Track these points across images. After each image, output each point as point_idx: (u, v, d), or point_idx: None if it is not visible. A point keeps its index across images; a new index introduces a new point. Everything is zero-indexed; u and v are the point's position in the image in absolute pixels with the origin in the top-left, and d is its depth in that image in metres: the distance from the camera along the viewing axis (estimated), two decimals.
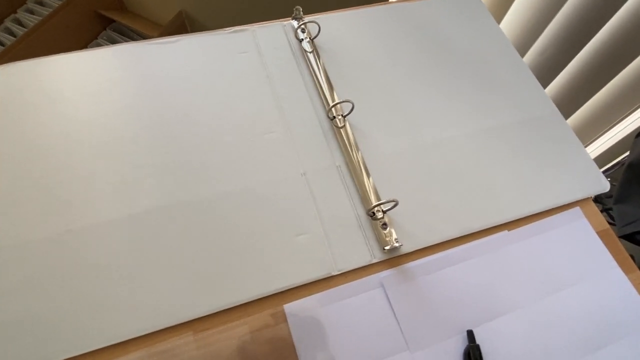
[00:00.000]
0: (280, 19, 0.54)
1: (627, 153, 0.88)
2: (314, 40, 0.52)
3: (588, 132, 0.90)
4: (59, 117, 0.43)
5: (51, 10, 1.39)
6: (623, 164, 0.82)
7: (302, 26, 0.51)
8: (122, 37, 1.51)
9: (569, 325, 0.39)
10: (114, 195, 0.40)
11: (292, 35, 0.52)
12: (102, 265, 0.37)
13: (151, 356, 0.34)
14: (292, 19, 0.53)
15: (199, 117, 0.45)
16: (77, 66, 0.46)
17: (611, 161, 0.94)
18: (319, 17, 0.54)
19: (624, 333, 0.39)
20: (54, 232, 0.37)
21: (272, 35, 0.52)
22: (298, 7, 0.52)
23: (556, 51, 0.76)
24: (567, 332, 0.39)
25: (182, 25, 1.39)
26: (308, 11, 0.54)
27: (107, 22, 1.52)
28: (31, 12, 1.49)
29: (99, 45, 1.49)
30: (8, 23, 1.45)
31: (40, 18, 1.39)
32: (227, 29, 0.51)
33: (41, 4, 1.51)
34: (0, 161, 0.40)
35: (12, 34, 1.44)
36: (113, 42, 1.50)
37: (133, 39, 1.51)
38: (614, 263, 0.43)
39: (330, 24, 0.53)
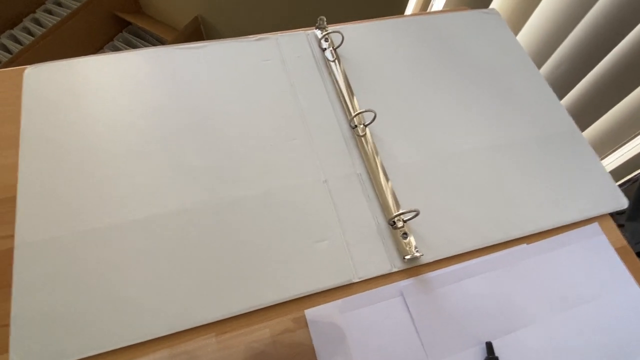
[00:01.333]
0: (303, 28, 0.55)
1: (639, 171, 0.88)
2: (337, 49, 0.52)
3: (601, 148, 0.90)
4: (88, 117, 0.44)
5: (70, 11, 1.41)
6: (635, 181, 0.82)
7: (326, 35, 0.52)
8: (137, 39, 1.53)
9: (586, 340, 0.39)
10: (139, 196, 0.41)
11: (315, 44, 0.53)
12: (128, 264, 0.37)
13: (173, 357, 0.34)
14: (316, 29, 0.54)
15: (223, 122, 0.46)
16: (107, 68, 0.47)
17: (622, 178, 0.94)
18: (342, 27, 0.55)
19: None
20: (83, 230, 0.38)
21: (295, 44, 0.53)
22: (322, 17, 0.53)
23: (571, 66, 0.76)
24: (584, 347, 0.39)
25: (198, 30, 1.41)
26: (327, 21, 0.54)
27: (124, 25, 1.54)
28: (50, 12, 1.51)
29: (115, 47, 1.51)
30: (27, 22, 1.47)
31: (59, 18, 1.41)
32: (252, 36, 0.52)
33: (60, 4, 1.53)
34: (31, 159, 0.41)
35: (30, 33, 1.46)
36: (129, 44, 1.52)
37: (149, 42, 1.53)
38: (632, 279, 0.43)
39: (353, 34, 0.54)
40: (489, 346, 0.37)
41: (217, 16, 1.35)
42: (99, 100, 0.45)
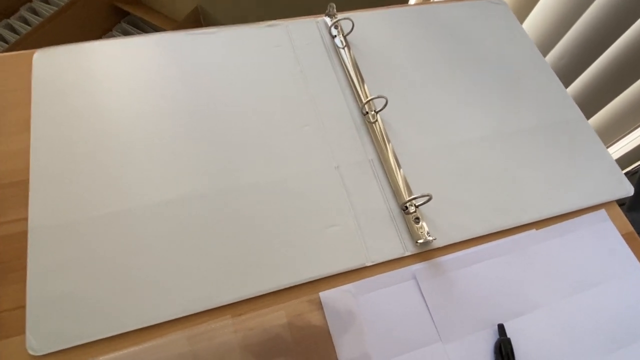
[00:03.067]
0: (313, 15, 0.54)
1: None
2: (347, 37, 0.53)
3: (603, 138, 0.91)
4: (98, 101, 0.44)
5: (67, 0, 1.39)
6: (635, 173, 0.83)
7: (336, 23, 0.52)
8: (136, 30, 1.51)
9: (594, 323, 0.40)
10: (152, 181, 0.40)
11: (325, 32, 0.53)
12: (143, 248, 0.37)
13: (190, 337, 0.35)
14: (326, 16, 0.54)
15: (235, 108, 0.46)
16: (117, 53, 0.47)
17: (624, 169, 0.95)
18: (351, 15, 0.55)
19: None
20: (97, 214, 0.38)
21: (305, 31, 0.53)
22: (332, 4, 0.53)
23: (575, 56, 0.77)
24: (592, 330, 0.40)
25: (198, 20, 1.40)
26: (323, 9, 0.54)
27: (122, 15, 1.53)
28: (47, 1, 1.49)
29: (113, 37, 1.50)
30: (23, 12, 1.45)
31: (56, 8, 1.39)
32: (262, 23, 0.52)
33: None
34: (42, 143, 0.41)
35: (27, 22, 1.44)
36: (127, 34, 1.51)
37: (147, 32, 1.52)
38: (638, 264, 0.44)
39: (362, 22, 0.54)
40: (501, 328, 0.38)
41: (217, 6, 1.34)
42: (109, 84, 0.45)
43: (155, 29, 1.51)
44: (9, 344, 0.33)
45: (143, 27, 1.54)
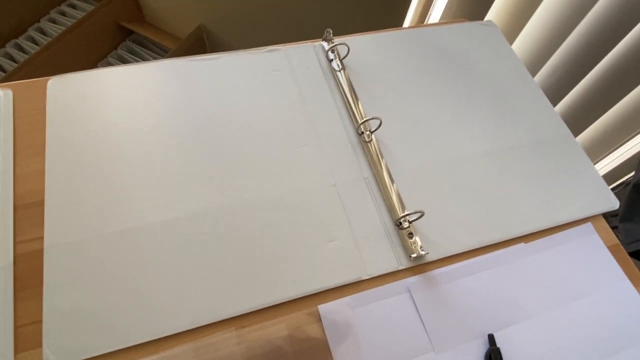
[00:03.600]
0: (311, 40, 0.57)
1: (632, 174, 0.91)
2: (342, 60, 0.55)
3: (593, 153, 0.94)
4: (109, 125, 0.47)
5: (74, 20, 1.44)
6: (627, 184, 0.86)
7: (332, 47, 0.55)
8: (141, 48, 1.56)
9: (581, 334, 0.42)
10: (161, 200, 0.43)
11: (322, 55, 0.56)
12: (151, 264, 0.40)
13: (196, 349, 0.37)
14: (323, 40, 0.57)
15: (237, 129, 0.48)
16: (125, 79, 0.50)
17: (615, 181, 0.97)
18: (347, 39, 0.58)
19: (633, 342, 0.42)
20: (108, 232, 0.40)
21: (303, 55, 0.56)
22: (329, 29, 0.56)
23: (564, 74, 0.80)
24: (579, 340, 0.42)
25: (201, 39, 1.44)
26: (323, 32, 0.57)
27: (127, 34, 1.57)
28: (54, 21, 1.54)
29: (119, 55, 1.54)
30: (32, 32, 1.50)
31: (64, 28, 1.44)
32: (262, 48, 0.55)
33: (64, 14, 1.56)
34: (57, 165, 0.43)
35: (35, 42, 1.48)
36: (132, 52, 1.55)
37: (152, 50, 1.56)
38: (624, 276, 0.45)
39: (358, 46, 0.57)
40: (491, 338, 0.40)
41: (220, 26, 1.38)
42: (119, 109, 0.48)
43: (159, 47, 1.55)
44: (26, 357, 0.35)
45: (147, 45, 1.58)
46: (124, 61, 1.53)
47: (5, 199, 0.41)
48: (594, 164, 0.93)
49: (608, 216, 0.78)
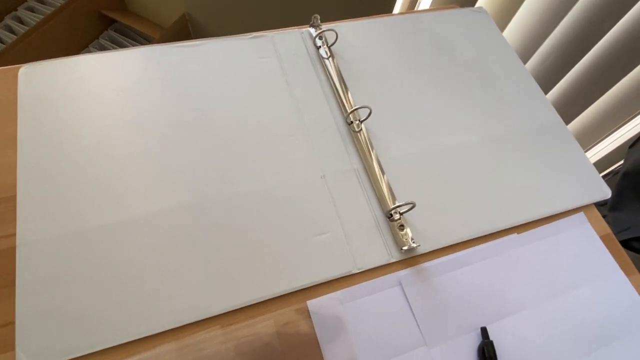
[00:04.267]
0: (298, 26, 0.55)
1: (621, 162, 0.92)
2: (331, 47, 0.54)
3: (583, 141, 0.94)
4: (85, 115, 0.44)
5: (53, 9, 1.39)
6: (616, 173, 0.86)
7: (320, 34, 0.53)
8: (123, 37, 1.51)
9: (575, 324, 0.41)
10: (139, 193, 0.41)
11: (309, 42, 0.54)
12: (132, 260, 0.38)
13: (180, 349, 0.35)
14: (310, 27, 0.55)
15: (222, 119, 0.46)
16: (102, 66, 0.47)
17: (604, 170, 0.97)
18: (335, 26, 0.56)
19: (626, 332, 0.42)
20: (85, 228, 0.38)
21: (290, 42, 0.54)
22: (316, 15, 0.54)
23: (556, 62, 0.79)
24: (573, 330, 0.41)
25: (185, 28, 1.40)
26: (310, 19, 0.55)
27: (109, 23, 1.52)
28: (32, 9, 1.48)
29: (100, 45, 1.49)
30: (8, 20, 1.44)
31: (42, 17, 1.39)
32: (248, 34, 0.53)
33: (42, 2, 1.51)
34: (29, 158, 0.41)
35: (12, 31, 1.43)
36: (115, 42, 1.51)
37: (135, 40, 1.51)
38: (616, 266, 0.45)
39: (346, 32, 0.55)
40: (484, 331, 0.39)
41: (205, 14, 1.34)
42: (96, 98, 0.45)
43: (143, 37, 1.51)
44: None
45: (130, 35, 1.54)
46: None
47: None
48: (585, 152, 0.93)
49: (597, 205, 0.78)
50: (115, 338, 0.35)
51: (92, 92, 0.46)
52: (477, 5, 0.76)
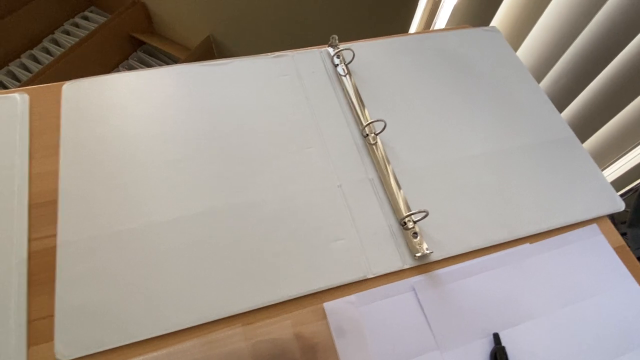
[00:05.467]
0: (317, 46, 0.59)
1: None
2: (348, 65, 0.57)
3: (600, 159, 0.93)
4: (120, 128, 0.48)
5: (87, 32, 1.48)
6: (635, 191, 0.85)
7: (338, 53, 0.56)
8: (151, 58, 1.59)
9: (588, 334, 0.42)
10: (171, 199, 0.44)
11: (328, 61, 0.57)
12: (161, 261, 0.40)
13: (203, 345, 0.37)
14: (329, 46, 0.58)
15: (246, 132, 0.50)
16: (136, 84, 0.52)
17: (623, 188, 0.96)
18: (352, 45, 0.59)
19: (637, 344, 0.42)
20: (118, 230, 0.42)
21: (309, 61, 0.57)
22: (334, 35, 0.57)
23: (570, 80, 0.80)
24: (585, 340, 0.41)
25: (210, 49, 1.47)
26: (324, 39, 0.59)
27: (138, 44, 1.61)
28: (68, 33, 1.58)
29: (130, 65, 1.57)
30: (46, 43, 1.54)
31: (77, 39, 1.48)
32: (270, 54, 0.56)
33: (77, 26, 1.61)
34: (70, 165, 0.45)
35: (49, 53, 1.52)
36: (143, 62, 1.59)
37: (162, 60, 1.59)
38: (631, 277, 0.45)
39: (363, 51, 0.58)
40: (496, 337, 0.40)
41: (228, 36, 1.41)
42: (130, 112, 0.49)
43: (169, 57, 1.59)
44: (39, 350, 0.36)
45: (158, 55, 1.62)
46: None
47: (21, 198, 0.42)
48: (602, 170, 0.92)
49: (617, 223, 0.78)
50: (145, 332, 0.37)
51: (126, 106, 0.50)
52: (491, 24, 0.79)
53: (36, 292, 0.38)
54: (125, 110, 0.49)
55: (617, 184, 0.95)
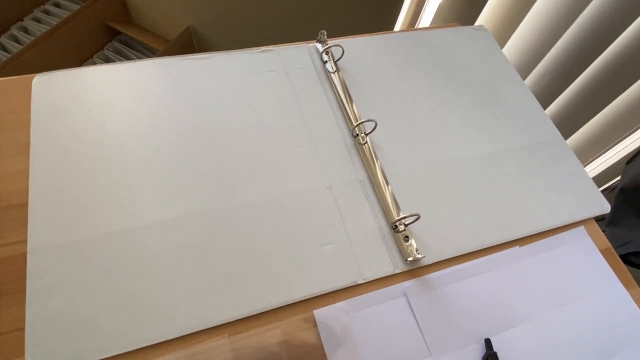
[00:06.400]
0: (305, 41, 0.57)
1: (618, 178, 0.93)
2: (337, 62, 0.55)
3: (580, 157, 0.95)
4: (97, 124, 0.45)
5: (59, 20, 1.41)
6: (613, 189, 0.87)
7: (327, 49, 0.55)
8: (127, 48, 1.53)
9: (576, 335, 0.42)
10: (149, 201, 0.42)
11: (316, 57, 0.55)
12: (141, 268, 0.38)
13: (188, 357, 0.35)
14: (317, 42, 0.57)
15: (230, 130, 0.47)
16: (114, 77, 0.49)
17: (601, 186, 0.99)
18: (341, 41, 0.57)
19: (625, 345, 0.42)
20: (94, 234, 0.39)
21: (297, 57, 0.55)
22: (323, 31, 0.55)
23: (554, 78, 0.81)
24: (574, 341, 0.42)
25: (189, 41, 1.43)
26: (314, 34, 0.57)
27: (114, 34, 1.55)
28: (38, 20, 1.50)
29: (105, 55, 1.51)
30: (14, 30, 1.46)
31: (48, 27, 1.40)
32: (256, 48, 0.54)
33: (48, 13, 1.53)
34: (41, 165, 0.42)
35: (18, 41, 1.45)
36: (119, 53, 1.52)
37: (139, 52, 1.53)
38: (616, 279, 0.46)
39: (352, 48, 0.57)
40: (488, 342, 0.39)
41: (209, 27, 1.37)
42: (107, 108, 0.46)
43: (147, 48, 1.53)
44: None
45: (134, 46, 1.56)
46: (110, 62, 1.51)
47: None
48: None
49: (596, 220, 0.79)
50: (124, 345, 0.35)
51: (103, 102, 0.47)
52: (476, 23, 0.79)
53: (4, 304, 0.35)
54: (102, 106, 0.46)
55: (596, 181, 0.97)
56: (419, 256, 0.42)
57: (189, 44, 1.43)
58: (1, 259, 0.37)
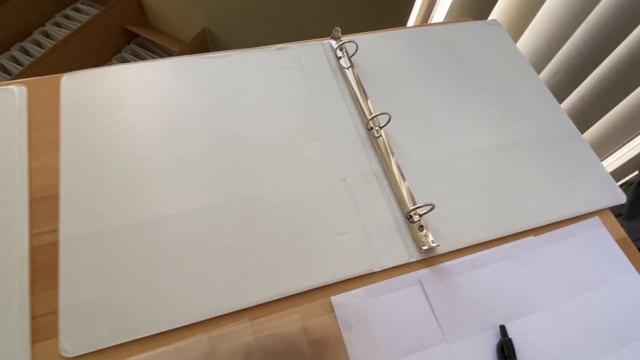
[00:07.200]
0: (319, 39, 0.58)
1: (635, 173, 0.92)
2: (351, 58, 0.56)
3: (596, 152, 0.94)
4: (121, 120, 0.47)
5: (79, 24, 1.45)
6: (630, 184, 0.86)
7: (341, 45, 0.56)
8: (145, 51, 1.57)
9: (591, 324, 0.42)
10: (174, 194, 0.43)
11: (330, 53, 0.57)
12: (167, 256, 0.40)
13: (210, 339, 0.37)
14: (331, 39, 0.58)
15: (248, 125, 0.49)
16: (137, 76, 0.51)
17: (618, 181, 0.98)
18: (355, 37, 0.58)
19: None
20: (121, 224, 0.41)
21: (312, 53, 0.56)
22: (337, 28, 0.57)
23: (569, 73, 0.80)
24: (589, 330, 0.42)
25: (204, 42, 1.45)
26: (326, 32, 0.58)
27: (132, 37, 1.58)
28: (59, 25, 1.55)
29: (123, 58, 1.55)
30: (37, 35, 1.51)
31: (68, 31, 1.45)
32: (272, 46, 0.56)
33: (68, 18, 1.57)
34: (71, 159, 0.44)
35: (40, 45, 1.49)
36: (137, 55, 1.56)
37: (156, 54, 1.57)
38: (633, 268, 0.46)
39: (365, 44, 0.58)
40: (503, 329, 0.40)
41: (224, 29, 1.39)
42: (130, 105, 0.48)
43: (163, 50, 1.56)
44: (43, 347, 0.35)
45: (151, 49, 1.60)
46: None
47: (21, 192, 0.41)
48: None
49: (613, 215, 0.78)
50: (151, 328, 0.37)
51: (128, 99, 0.49)
52: (490, 17, 0.79)
53: (39, 289, 0.38)
54: (126, 103, 0.48)
55: (613, 176, 0.96)
56: (434, 245, 0.43)
57: (203, 45, 1.46)
58: (36, 246, 0.39)
